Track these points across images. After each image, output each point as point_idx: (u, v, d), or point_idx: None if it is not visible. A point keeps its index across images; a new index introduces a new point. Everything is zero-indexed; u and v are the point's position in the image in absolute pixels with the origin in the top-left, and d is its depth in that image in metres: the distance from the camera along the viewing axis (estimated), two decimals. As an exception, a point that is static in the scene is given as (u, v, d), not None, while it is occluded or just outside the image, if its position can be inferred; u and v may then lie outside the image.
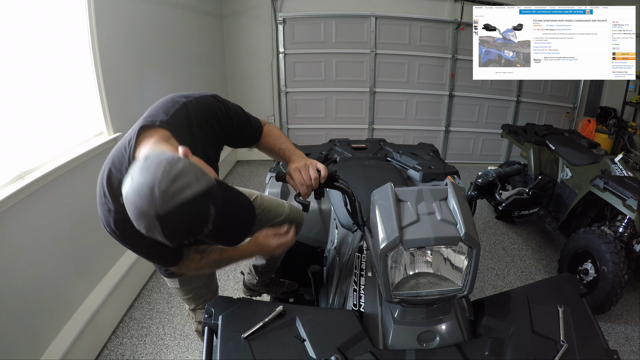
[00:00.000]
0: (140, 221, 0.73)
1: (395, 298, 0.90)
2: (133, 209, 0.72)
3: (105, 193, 0.95)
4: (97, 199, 0.98)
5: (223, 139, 1.12)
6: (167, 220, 0.71)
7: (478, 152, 5.21)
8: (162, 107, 0.99)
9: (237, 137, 1.15)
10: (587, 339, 0.93)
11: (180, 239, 0.76)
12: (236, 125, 1.12)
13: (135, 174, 0.73)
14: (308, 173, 1.07)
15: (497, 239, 3.32)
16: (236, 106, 1.14)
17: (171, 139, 0.94)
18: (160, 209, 0.70)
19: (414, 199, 0.95)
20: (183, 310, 2.41)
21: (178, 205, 0.71)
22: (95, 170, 1.03)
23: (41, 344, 1.78)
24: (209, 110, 1.04)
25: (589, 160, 2.84)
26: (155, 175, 0.71)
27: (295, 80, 4.85)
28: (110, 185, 0.95)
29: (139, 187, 0.71)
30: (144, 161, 0.74)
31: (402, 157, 2.13)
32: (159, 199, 0.70)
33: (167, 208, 0.70)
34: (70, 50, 2.07)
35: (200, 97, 1.04)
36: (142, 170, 0.73)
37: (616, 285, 2.14)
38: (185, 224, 0.73)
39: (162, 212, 0.70)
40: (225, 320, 0.92)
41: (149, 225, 0.73)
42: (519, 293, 1.04)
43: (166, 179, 0.71)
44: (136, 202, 0.71)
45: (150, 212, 0.71)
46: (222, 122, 1.08)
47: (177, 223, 0.72)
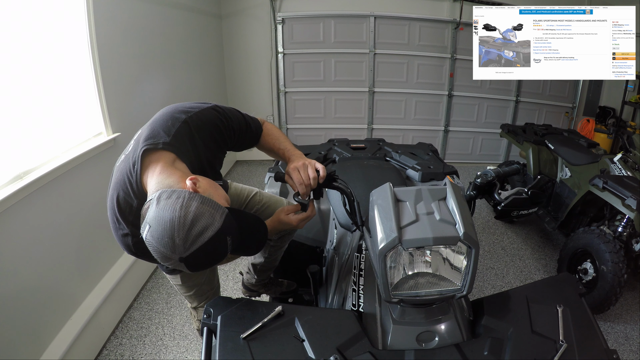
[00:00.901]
0: (165, 262, 0.80)
1: (394, 298, 0.90)
2: (157, 254, 0.79)
3: (119, 219, 0.98)
4: (111, 225, 1.02)
5: (226, 148, 1.13)
6: (190, 261, 0.78)
7: (477, 152, 5.21)
8: (163, 126, 0.97)
9: (238, 143, 1.16)
10: (587, 338, 0.93)
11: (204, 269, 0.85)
12: (238, 133, 1.12)
13: (152, 222, 0.78)
14: (307, 173, 1.07)
15: (496, 239, 3.32)
16: (235, 112, 1.13)
17: (177, 161, 0.95)
18: (184, 254, 0.77)
19: (413, 199, 0.95)
20: (182, 310, 2.41)
21: (199, 248, 0.77)
22: (95, 170, 1.04)
23: (41, 344, 1.78)
24: (211, 124, 1.04)
25: (588, 160, 2.85)
26: (172, 223, 0.76)
27: (294, 80, 4.85)
28: (121, 212, 0.97)
29: (159, 236, 0.76)
30: (157, 205, 0.79)
31: (401, 157, 2.13)
32: (181, 246, 0.76)
33: (189, 252, 0.77)
34: (69, 50, 2.07)
35: (201, 112, 1.03)
36: (158, 218, 0.77)
37: (615, 284, 2.14)
38: (208, 260, 0.81)
39: (185, 255, 0.77)
40: (224, 321, 0.92)
41: (174, 265, 0.80)
42: (518, 293, 1.03)
43: (184, 228, 0.76)
44: (159, 249, 0.77)
45: (174, 257, 0.77)
46: (225, 133, 1.07)
47: (200, 260, 0.79)
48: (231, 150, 1.17)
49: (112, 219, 1.00)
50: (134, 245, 0.99)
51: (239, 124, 1.12)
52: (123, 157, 1.03)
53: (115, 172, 1.02)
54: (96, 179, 2.18)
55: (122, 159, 1.03)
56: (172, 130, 0.96)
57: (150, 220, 0.78)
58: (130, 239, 0.99)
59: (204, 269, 0.84)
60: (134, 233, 0.97)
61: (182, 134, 0.97)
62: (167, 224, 0.76)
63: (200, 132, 1.01)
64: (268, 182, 1.92)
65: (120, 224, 0.98)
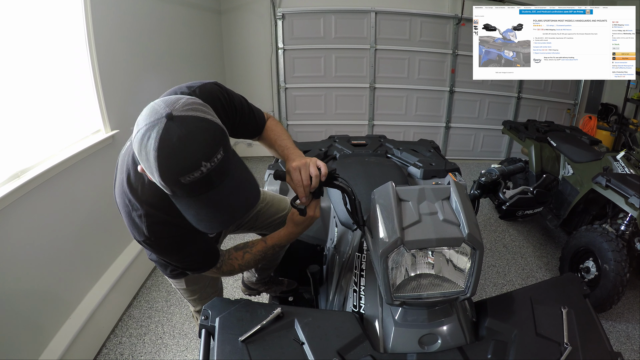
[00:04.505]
0: (152, 131, 0.72)
1: (396, 300, 0.88)
2: (144, 125, 0.73)
3: (131, 200, 0.93)
4: (123, 212, 0.96)
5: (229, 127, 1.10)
6: (177, 122, 0.72)
7: (479, 149, 5.18)
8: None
9: (240, 127, 1.13)
10: (591, 341, 0.91)
11: (188, 161, 0.72)
12: (240, 113, 1.10)
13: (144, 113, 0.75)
14: (307, 173, 1.05)
15: (498, 237, 3.31)
16: (239, 96, 1.12)
17: None
18: (176, 112, 0.73)
19: (416, 199, 0.93)
20: (182, 308, 2.40)
21: (191, 117, 0.73)
22: (93, 168, 1.02)
23: (40, 343, 1.77)
24: (214, 97, 1.01)
25: (590, 158, 2.83)
26: (169, 99, 0.75)
27: (295, 76, 4.82)
28: (133, 192, 0.93)
29: (147, 112, 0.74)
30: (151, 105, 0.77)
31: (402, 154, 2.11)
32: (172, 105, 0.73)
33: (181, 113, 0.73)
34: (66, 46, 2.04)
35: (203, 85, 1.01)
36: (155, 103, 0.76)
37: (618, 283, 2.13)
38: (195, 140, 0.72)
39: (176, 113, 0.72)
40: (222, 323, 0.90)
41: (161, 134, 0.71)
42: (522, 294, 1.02)
43: (181, 99, 0.75)
44: (146, 123, 0.73)
45: (161, 113, 0.72)
46: (227, 108, 1.05)
47: (187, 133, 0.72)
48: (233, 133, 1.13)
49: (124, 204, 0.95)
50: (147, 227, 0.93)
51: (241, 104, 1.10)
52: (128, 143, 1.00)
53: (121, 160, 0.99)
54: (95, 177, 2.16)
55: (127, 145, 1.00)
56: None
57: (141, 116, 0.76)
58: (144, 220, 0.93)
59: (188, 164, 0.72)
60: (149, 213, 0.92)
61: None
62: (156, 103, 0.75)
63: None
64: (268, 179, 1.90)
65: (133, 204, 0.93)
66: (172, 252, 1.00)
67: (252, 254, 1.15)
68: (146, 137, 0.72)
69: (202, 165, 0.73)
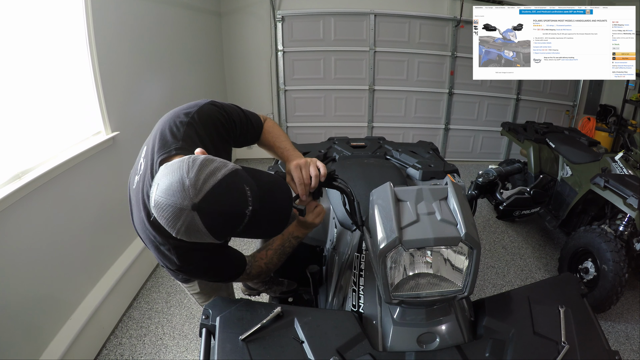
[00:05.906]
0: (179, 221, 0.71)
1: (395, 299, 0.89)
2: (169, 211, 0.71)
3: (156, 237, 0.96)
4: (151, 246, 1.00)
5: (230, 141, 1.12)
6: (204, 208, 0.70)
7: (478, 150, 5.19)
8: (170, 134, 0.97)
9: (240, 137, 1.15)
10: (589, 340, 0.92)
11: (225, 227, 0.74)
12: (239, 126, 1.12)
13: (161, 179, 0.74)
14: (308, 171, 1.07)
15: (497, 237, 3.32)
16: (233, 107, 1.13)
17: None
18: (196, 198, 0.70)
19: (414, 199, 0.94)
20: (182, 309, 2.40)
21: (211, 188, 0.71)
22: (94, 169, 1.03)
23: (40, 343, 1.78)
24: (213, 119, 1.04)
25: (589, 159, 2.84)
26: (181, 170, 0.72)
27: (294, 78, 4.83)
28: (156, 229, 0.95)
29: (167, 186, 0.71)
30: (165, 167, 0.76)
31: (401, 156, 2.12)
32: (191, 189, 0.70)
33: (201, 195, 0.70)
34: (67, 48, 2.05)
35: (200, 109, 1.02)
36: (166, 173, 0.74)
37: (616, 284, 2.13)
38: (225, 207, 0.72)
39: (198, 200, 0.70)
40: (222, 322, 0.91)
41: (189, 222, 0.71)
42: (520, 293, 1.02)
43: (193, 170, 0.72)
44: (169, 202, 0.71)
45: (186, 206, 0.70)
46: (227, 126, 1.07)
47: (215, 208, 0.71)
48: (234, 145, 1.16)
49: (149, 239, 0.98)
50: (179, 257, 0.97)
51: (238, 117, 1.12)
52: (137, 178, 1.01)
53: (134, 196, 1.00)
54: (95, 178, 2.17)
55: (137, 180, 1.00)
56: (180, 135, 0.96)
57: (158, 179, 0.74)
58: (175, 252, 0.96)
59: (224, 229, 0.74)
60: (177, 245, 0.96)
61: (190, 135, 0.97)
62: (176, 172, 0.72)
63: (205, 128, 1.01)
64: None
65: (158, 240, 0.96)
66: (207, 271, 1.05)
67: (273, 249, 1.19)
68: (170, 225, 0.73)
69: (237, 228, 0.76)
